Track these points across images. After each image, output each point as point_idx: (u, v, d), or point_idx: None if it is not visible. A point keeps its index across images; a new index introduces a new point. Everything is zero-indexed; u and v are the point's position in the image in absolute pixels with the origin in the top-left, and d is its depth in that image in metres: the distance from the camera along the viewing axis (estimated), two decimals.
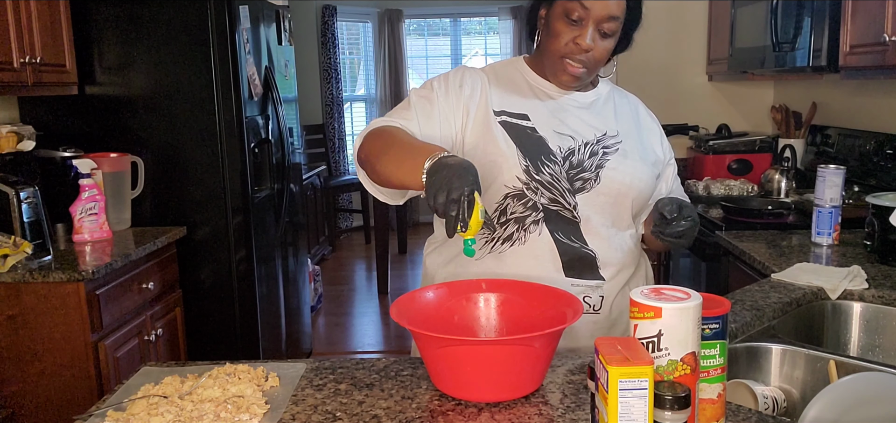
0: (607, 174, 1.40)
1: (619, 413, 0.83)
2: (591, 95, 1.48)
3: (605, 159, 1.41)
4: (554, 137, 1.40)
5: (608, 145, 1.43)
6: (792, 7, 2.47)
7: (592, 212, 1.40)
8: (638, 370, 0.82)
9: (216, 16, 2.81)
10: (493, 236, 1.40)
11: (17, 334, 2.23)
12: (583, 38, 1.34)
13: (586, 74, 1.39)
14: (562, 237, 1.39)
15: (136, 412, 1.07)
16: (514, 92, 1.45)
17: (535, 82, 1.47)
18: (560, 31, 1.35)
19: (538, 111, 1.42)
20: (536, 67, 1.48)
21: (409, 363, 1.27)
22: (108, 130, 2.89)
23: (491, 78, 1.47)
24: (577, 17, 1.33)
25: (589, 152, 1.41)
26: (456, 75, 1.46)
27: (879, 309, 1.59)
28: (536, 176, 1.38)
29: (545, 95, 1.45)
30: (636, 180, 1.42)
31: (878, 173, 2.47)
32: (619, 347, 0.86)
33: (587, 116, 1.45)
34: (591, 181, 1.39)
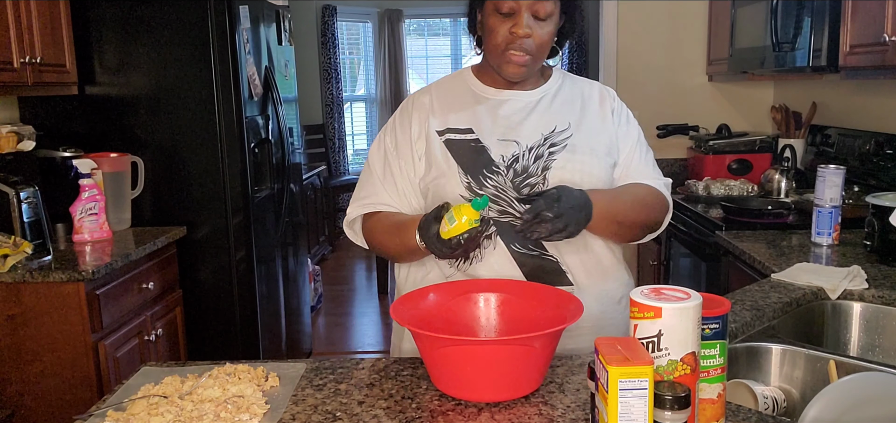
0: (555, 175, 1.37)
1: (619, 413, 0.83)
2: (539, 92, 1.46)
3: (552, 160, 1.38)
4: (497, 146, 1.39)
5: (556, 142, 1.40)
6: (792, 7, 2.47)
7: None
8: (638, 370, 0.82)
9: (216, 16, 2.81)
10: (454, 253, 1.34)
11: (17, 334, 2.23)
12: (518, 27, 1.33)
13: (532, 60, 1.38)
14: (518, 248, 1.37)
15: (136, 412, 1.07)
16: (460, 106, 1.45)
17: (480, 91, 1.47)
18: (495, 26, 1.36)
19: (483, 121, 1.42)
20: (482, 75, 1.48)
21: (409, 363, 1.27)
22: (108, 130, 2.89)
23: (436, 97, 1.48)
24: (508, 9, 1.33)
25: (534, 156, 1.39)
26: (403, 118, 1.48)
27: (879, 309, 1.59)
28: (479, 191, 1.37)
29: (491, 102, 1.44)
30: (586, 176, 1.39)
31: (878, 173, 2.47)
32: (619, 347, 0.86)
33: (533, 117, 1.43)
34: (538, 185, 1.37)
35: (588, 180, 1.38)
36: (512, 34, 1.34)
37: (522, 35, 1.34)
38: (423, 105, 1.48)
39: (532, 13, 1.34)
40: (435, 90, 1.51)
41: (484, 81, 1.48)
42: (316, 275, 4.91)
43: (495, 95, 1.45)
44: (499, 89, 1.46)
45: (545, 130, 1.41)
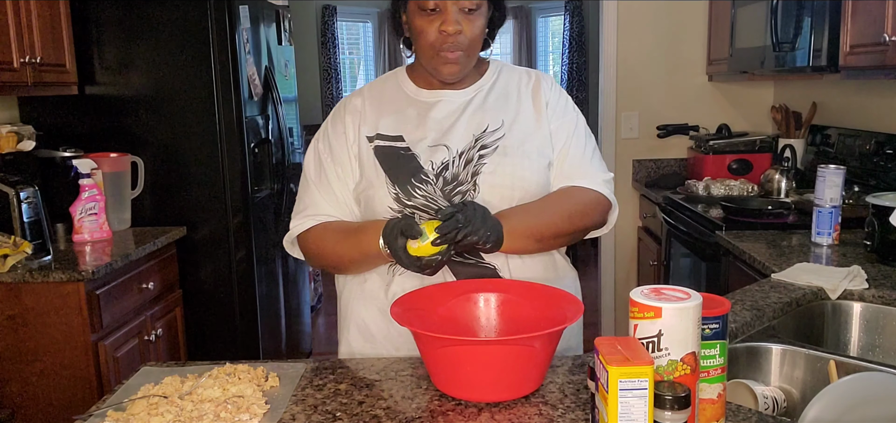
0: (485, 180, 1.33)
1: (619, 413, 0.83)
2: (472, 91, 1.41)
3: (482, 164, 1.33)
4: (427, 154, 1.34)
5: (486, 144, 1.35)
6: (792, 7, 2.47)
7: None
8: (638, 370, 0.82)
9: (216, 16, 2.81)
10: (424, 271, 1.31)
11: (17, 334, 2.23)
12: (447, 24, 1.28)
13: (465, 57, 1.33)
14: (454, 257, 1.32)
15: (136, 412, 1.07)
16: (392, 110, 1.40)
17: (412, 93, 1.42)
18: (422, 27, 1.30)
19: (413, 127, 1.38)
20: (416, 76, 1.43)
21: (409, 363, 1.27)
22: (108, 130, 2.89)
23: (369, 100, 1.43)
24: (433, 6, 1.28)
25: (464, 161, 1.34)
26: (336, 123, 1.43)
27: (879, 309, 1.59)
28: (408, 202, 1.33)
29: (422, 105, 1.40)
30: (518, 180, 1.34)
31: (878, 173, 2.47)
32: (619, 347, 0.86)
33: (465, 118, 1.37)
34: (469, 192, 1.32)
35: (520, 185, 1.34)
36: (442, 33, 1.29)
37: (453, 32, 1.28)
38: (355, 109, 1.42)
39: (459, 7, 1.29)
40: (367, 93, 1.45)
41: (417, 83, 1.42)
42: (316, 275, 4.91)
43: (428, 97, 1.40)
44: (432, 90, 1.40)
45: (476, 130, 1.36)
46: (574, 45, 6.90)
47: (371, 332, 1.41)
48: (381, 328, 1.39)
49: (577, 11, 6.85)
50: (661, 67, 3.52)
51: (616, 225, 3.92)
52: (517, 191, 1.34)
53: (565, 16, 6.90)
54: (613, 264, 3.74)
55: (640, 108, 3.56)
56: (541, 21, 7.41)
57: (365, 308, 1.41)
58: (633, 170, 3.62)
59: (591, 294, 4.20)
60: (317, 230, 1.40)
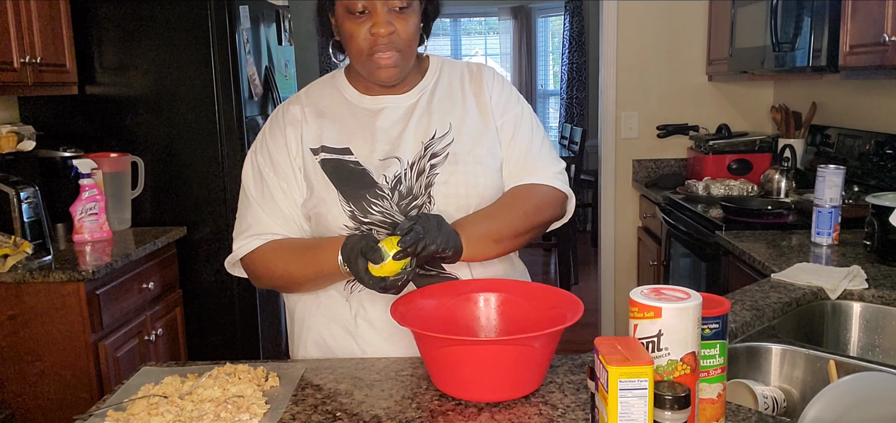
0: (439, 191, 1.28)
1: (619, 413, 0.83)
2: (415, 93, 1.35)
3: (434, 175, 1.28)
4: (378, 167, 1.29)
5: (437, 152, 1.29)
6: (792, 7, 2.47)
7: None
8: (638, 370, 0.82)
9: (216, 16, 2.81)
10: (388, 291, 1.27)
11: (17, 335, 2.23)
12: (378, 26, 1.21)
13: (402, 59, 1.27)
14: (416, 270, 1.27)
15: (136, 412, 1.07)
16: (334, 119, 1.33)
17: (354, 99, 1.35)
18: (352, 30, 1.23)
19: (360, 138, 1.31)
20: (355, 80, 1.36)
21: (409, 363, 1.27)
22: (108, 130, 2.89)
23: (308, 107, 1.35)
24: (362, 8, 1.21)
25: (416, 172, 1.28)
26: (275, 132, 1.34)
27: (879, 309, 1.59)
28: (365, 219, 1.28)
29: (366, 113, 1.33)
30: (472, 187, 1.29)
31: (877, 173, 2.47)
32: (618, 347, 0.86)
33: (411, 126, 1.31)
34: (425, 205, 1.28)
35: (475, 192, 1.30)
36: (373, 35, 1.22)
37: (385, 33, 1.22)
38: (295, 118, 1.34)
39: (389, 7, 1.22)
40: (305, 99, 1.37)
41: (358, 88, 1.35)
42: None
43: (371, 104, 1.33)
44: (374, 97, 1.34)
45: (424, 137, 1.30)
46: (574, 45, 6.90)
47: (330, 347, 1.35)
48: (340, 344, 1.34)
49: (577, 11, 6.85)
50: (661, 67, 3.52)
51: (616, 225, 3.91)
52: (473, 199, 1.30)
53: (565, 16, 6.90)
54: (613, 264, 3.74)
55: (640, 108, 3.56)
56: (541, 21, 7.41)
57: (324, 324, 1.36)
58: (633, 170, 3.62)
59: (591, 294, 4.20)
60: (263, 250, 1.32)
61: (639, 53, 3.51)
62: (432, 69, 1.38)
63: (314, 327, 1.37)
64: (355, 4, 1.21)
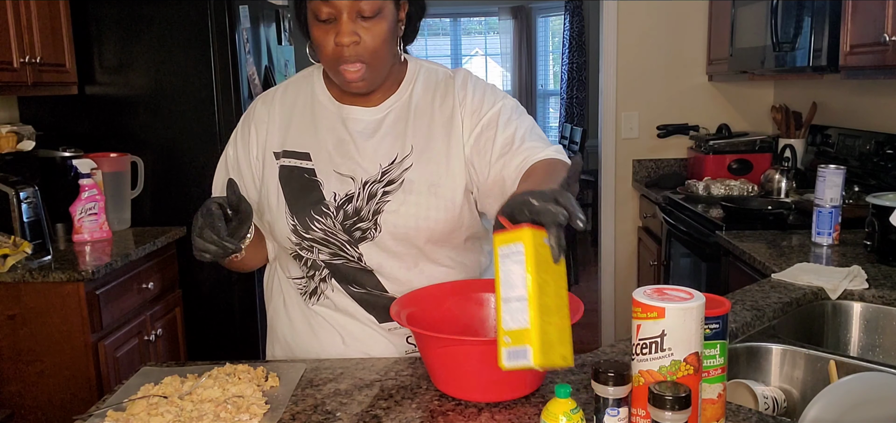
0: (387, 219, 1.22)
1: (501, 281, 0.87)
2: (383, 109, 1.28)
3: (384, 202, 1.22)
4: (332, 180, 1.24)
5: (393, 179, 1.23)
6: (792, 7, 2.47)
7: (383, 259, 1.25)
8: (514, 235, 0.87)
9: (216, 16, 2.81)
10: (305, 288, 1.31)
11: (16, 334, 2.22)
12: (342, 35, 1.15)
13: (370, 70, 1.19)
14: (357, 289, 1.27)
15: (135, 412, 1.07)
16: (300, 121, 1.29)
17: (325, 102, 1.30)
18: (319, 38, 1.18)
19: (321, 146, 1.26)
20: (329, 81, 1.31)
21: (409, 363, 1.27)
22: (108, 130, 2.89)
23: (280, 107, 1.31)
24: (326, 15, 1.15)
25: (368, 194, 1.23)
26: (245, 131, 1.33)
27: (880, 309, 1.59)
28: (307, 235, 1.25)
29: (334, 119, 1.28)
30: (422, 220, 1.22)
31: (878, 173, 2.47)
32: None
33: (373, 143, 1.26)
34: (370, 230, 1.23)
35: (425, 226, 1.23)
36: (338, 45, 1.16)
37: (348, 43, 1.15)
38: (261, 119, 1.31)
39: (355, 15, 1.15)
40: (281, 95, 1.33)
41: (332, 91, 1.30)
42: None
43: (338, 110, 1.28)
44: (343, 105, 1.28)
45: (384, 160, 1.24)
46: (574, 45, 6.90)
47: (293, 352, 1.38)
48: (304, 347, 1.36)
49: (577, 11, 6.85)
50: (661, 67, 3.52)
51: (616, 225, 3.90)
52: (423, 232, 1.23)
53: (565, 16, 6.90)
54: (613, 263, 3.74)
55: (640, 108, 3.56)
56: (541, 21, 7.41)
57: (287, 326, 1.38)
58: (633, 170, 3.62)
59: (591, 294, 4.20)
60: None
61: (639, 53, 3.51)
62: (407, 80, 1.30)
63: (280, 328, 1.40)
64: (320, 11, 1.15)
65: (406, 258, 1.26)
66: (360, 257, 1.25)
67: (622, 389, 0.90)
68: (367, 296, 1.29)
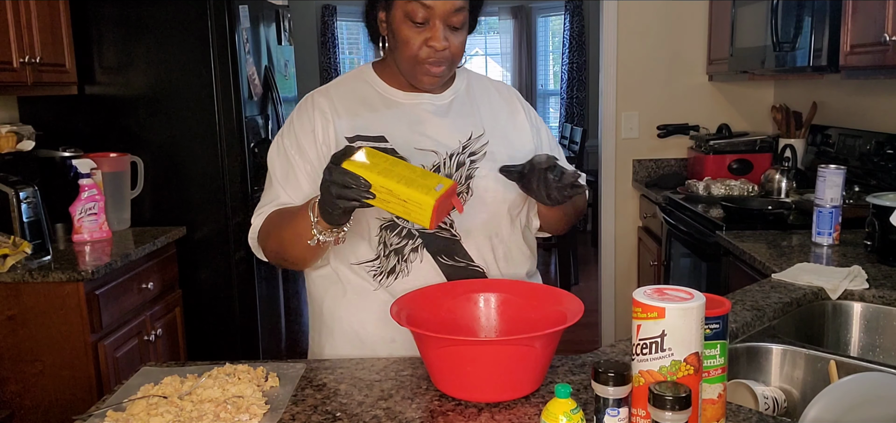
0: (479, 184, 1.33)
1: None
2: (449, 94, 1.40)
3: (474, 168, 1.34)
4: (415, 155, 1.31)
5: (475, 150, 1.35)
6: (792, 7, 2.47)
7: (471, 225, 1.33)
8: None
9: (216, 16, 2.81)
10: (378, 269, 1.34)
11: (16, 335, 2.22)
12: (436, 40, 1.26)
13: (447, 72, 1.32)
14: (445, 259, 1.33)
15: (135, 412, 1.07)
16: (366, 111, 1.36)
17: (386, 93, 1.38)
18: (408, 36, 1.27)
19: (395, 128, 1.34)
20: (386, 75, 1.39)
21: (409, 363, 1.27)
22: (107, 130, 2.89)
23: (339, 101, 1.38)
24: (422, 18, 1.25)
25: (455, 163, 1.33)
26: (303, 117, 1.37)
27: (880, 309, 1.59)
28: None
29: (399, 106, 1.37)
30: (510, 188, 1.34)
31: (878, 173, 2.47)
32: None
33: (447, 123, 1.36)
34: (462, 194, 1.33)
35: (510, 191, 1.34)
36: (429, 47, 1.27)
37: (440, 48, 1.27)
38: (323, 108, 1.37)
39: (447, 23, 1.27)
40: (335, 91, 1.40)
41: (390, 83, 1.39)
42: None
43: (404, 98, 1.37)
44: (407, 92, 1.37)
45: (462, 137, 1.36)
46: (574, 45, 6.90)
47: (361, 339, 1.36)
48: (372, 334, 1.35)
49: (577, 11, 6.85)
50: (661, 67, 3.52)
51: (616, 225, 3.91)
52: (508, 199, 1.35)
53: (565, 16, 6.90)
54: (613, 263, 3.74)
55: (640, 108, 3.56)
56: (541, 21, 7.41)
57: (354, 314, 1.37)
58: (633, 170, 3.62)
59: (591, 294, 4.20)
60: (268, 219, 1.35)
61: (639, 53, 3.51)
62: (460, 75, 1.44)
63: (344, 318, 1.38)
64: (416, 14, 1.25)
65: (488, 225, 1.35)
66: (451, 224, 1.33)
67: (622, 389, 0.90)
68: (454, 265, 1.33)
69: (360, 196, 1.11)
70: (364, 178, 1.11)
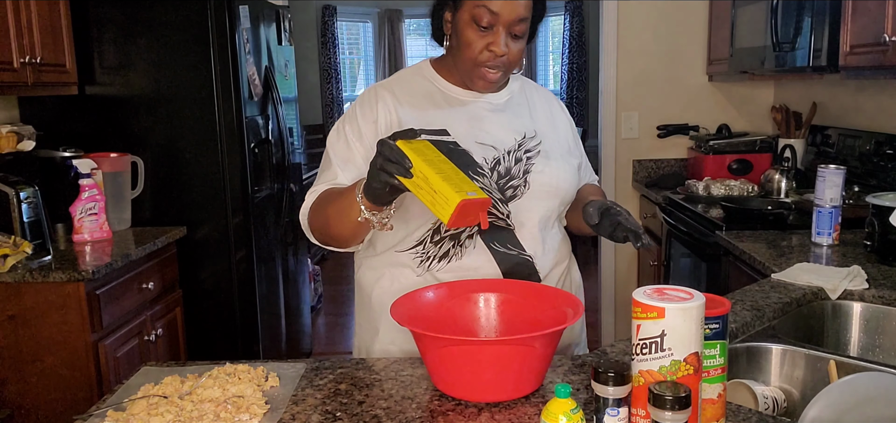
0: (535, 178, 1.39)
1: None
2: (504, 94, 1.46)
3: (531, 164, 1.40)
4: (477, 149, 1.37)
5: (530, 148, 1.41)
6: (792, 7, 2.47)
7: (526, 217, 1.39)
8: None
9: (216, 16, 2.81)
10: (427, 254, 1.37)
11: (17, 335, 2.22)
12: (497, 45, 1.31)
13: (502, 78, 1.38)
14: (498, 247, 1.37)
15: (135, 412, 1.07)
16: (428, 105, 1.41)
17: (447, 90, 1.43)
18: (471, 38, 1.32)
19: (456, 123, 1.39)
20: (446, 72, 1.44)
21: (409, 363, 1.27)
22: (108, 130, 2.89)
23: (401, 95, 1.42)
24: (487, 22, 1.30)
25: (514, 159, 1.39)
26: (365, 107, 1.41)
27: (879, 309, 1.59)
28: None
29: (459, 103, 1.42)
30: (562, 181, 1.42)
31: (878, 173, 2.47)
32: None
33: (504, 120, 1.42)
34: (520, 187, 1.38)
35: (562, 186, 1.43)
36: (490, 52, 1.32)
37: (500, 54, 1.32)
38: (386, 98, 1.41)
39: (509, 31, 1.32)
40: (396, 85, 1.44)
41: (449, 80, 1.43)
42: (316, 275, 4.91)
43: (464, 95, 1.42)
44: (466, 90, 1.43)
45: (517, 135, 1.41)
46: (574, 45, 6.90)
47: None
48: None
49: (577, 11, 6.85)
50: (661, 67, 3.52)
51: None
52: (560, 193, 1.43)
53: (565, 16, 6.90)
54: (613, 263, 3.74)
55: (640, 108, 3.56)
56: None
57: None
58: (633, 170, 3.62)
59: (591, 294, 4.19)
60: (319, 197, 1.37)
61: (639, 53, 3.51)
62: (513, 79, 1.49)
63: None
64: (482, 17, 1.30)
65: (540, 218, 1.40)
66: (508, 215, 1.37)
67: (622, 389, 0.90)
68: (506, 253, 1.37)
69: (399, 172, 1.12)
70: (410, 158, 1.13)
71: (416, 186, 1.13)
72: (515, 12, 1.30)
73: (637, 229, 1.27)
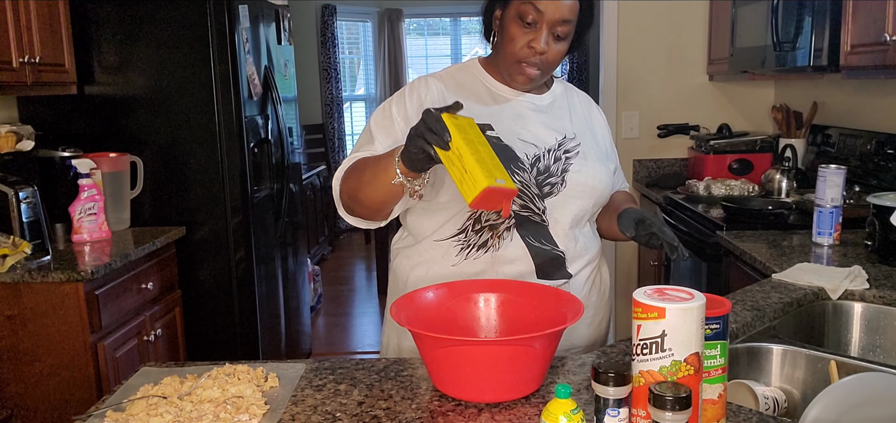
0: (572, 178, 1.44)
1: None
2: (548, 96, 1.51)
3: (569, 163, 1.44)
4: (519, 145, 1.41)
5: (569, 149, 1.46)
6: (793, 7, 2.47)
7: (560, 214, 1.43)
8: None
9: (216, 16, 2.81)
10: (468, 242, 1.41)
11: (16, 335, 2.22)
12: (537, 42, 1.35)
13: (540, 76, 1.41)
14: (532, 241, 1.41)
15: (135, 412, 1.07)
16: (475, 100, 1.45)
17: (493, 88, 1.48)
18: (514, 34, 1.36)
19: (500, 119, 1.42)
20: (493, 70, 1.48)
21: (408, 363, 1.27)
22: (107, 130, 2.89)
23: (451, 87, 1.47)
24: (532, 19, 1.34)
25: (553, 158, 1.44)
26: (414, 93, 1.44)
27: (880, 309, 1.59)
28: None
29: (504, 100, 1.46)
30: (598, 182, 1.47)
31: (878, 173, 2.47)
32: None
33: (546, 120, 1.47)
34: (557, 185, 1.43)
35: (598, 187, 1.47)
36: (530, 48, 1.36)
37: (540, 51, 1.36)
38: (433, 90, 1.45)
39: (552, 31, 1.36)
40: (447, 78, 1.49)
41: (496, 78, 1.48)
42: (315, 275, 4.91)
43: (510, 93, 1.47)
44: (512, 88, 1.47)
45: (558, 135, 1.46)
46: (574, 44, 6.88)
47: None
48: None
49: None
50: (662, 67, 3.52)
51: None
52: (596, 192, 1.47)
53: None
54: (614, 264, 3.73)
55: (641, 108, 3.56)
56: None
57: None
58: (633, 170, 3.61)
59: None
60: (357, 162, 1.37)
61: (639, 53, 3.51)
62: (557, 83, 1.55)
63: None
64: (527, 14, 1.34)
65: (574, 216, 1.44)
66: (543, 211, 1.41)
67: (622, 389, 0.90)
68: (539, 247, 1.42)
69: (437, 143, 1.13)
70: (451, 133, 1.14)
71: (450, 161, 1.14)
72: (560, 13, 1.34)
73: (672, 241, 1.34)
